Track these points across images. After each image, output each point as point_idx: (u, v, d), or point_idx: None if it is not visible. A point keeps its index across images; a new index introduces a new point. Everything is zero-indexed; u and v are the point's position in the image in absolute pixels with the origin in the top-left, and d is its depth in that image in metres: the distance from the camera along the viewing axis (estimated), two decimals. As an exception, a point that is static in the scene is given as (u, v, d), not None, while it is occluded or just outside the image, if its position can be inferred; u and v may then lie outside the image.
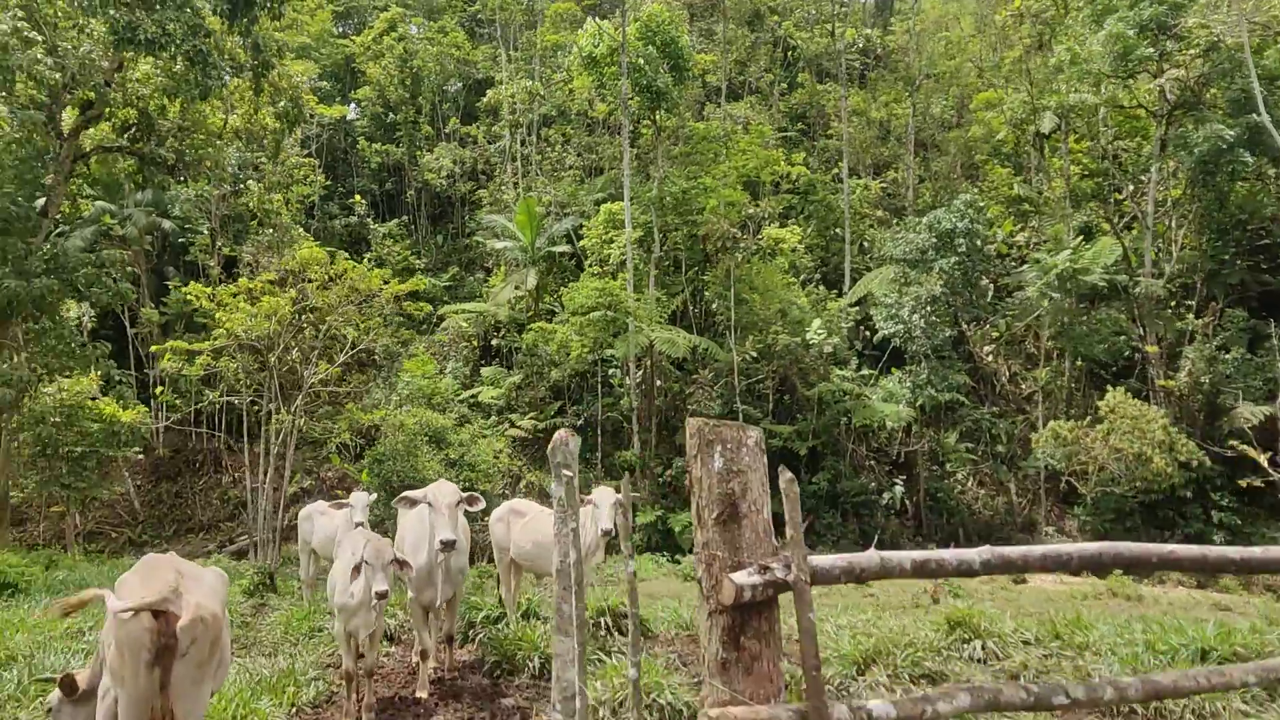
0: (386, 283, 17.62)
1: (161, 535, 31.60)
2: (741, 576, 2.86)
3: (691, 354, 31.65)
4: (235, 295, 16.71)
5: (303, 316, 16.37)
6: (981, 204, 30.00)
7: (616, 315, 29.48)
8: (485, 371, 35.36)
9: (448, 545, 7.74)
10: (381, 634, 8.42)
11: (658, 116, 34.63)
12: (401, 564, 7.45)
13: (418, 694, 8.19)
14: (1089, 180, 35.85)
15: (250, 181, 29.91)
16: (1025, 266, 31.80)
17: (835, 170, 39.11)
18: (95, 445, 23.14)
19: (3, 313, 18.01)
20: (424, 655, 8.37)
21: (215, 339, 16.53)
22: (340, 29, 51.33)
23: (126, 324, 33.81)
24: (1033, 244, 35.87)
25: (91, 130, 21.88)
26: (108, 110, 20.81)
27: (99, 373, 24.61)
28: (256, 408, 19.21)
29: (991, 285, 35.05)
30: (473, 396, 33.19)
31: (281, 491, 16.88)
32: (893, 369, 32.06)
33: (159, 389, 23.58)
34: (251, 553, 17.03)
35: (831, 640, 8.93)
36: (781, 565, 2.90)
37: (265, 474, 16.68)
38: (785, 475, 2.91)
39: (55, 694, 5.98)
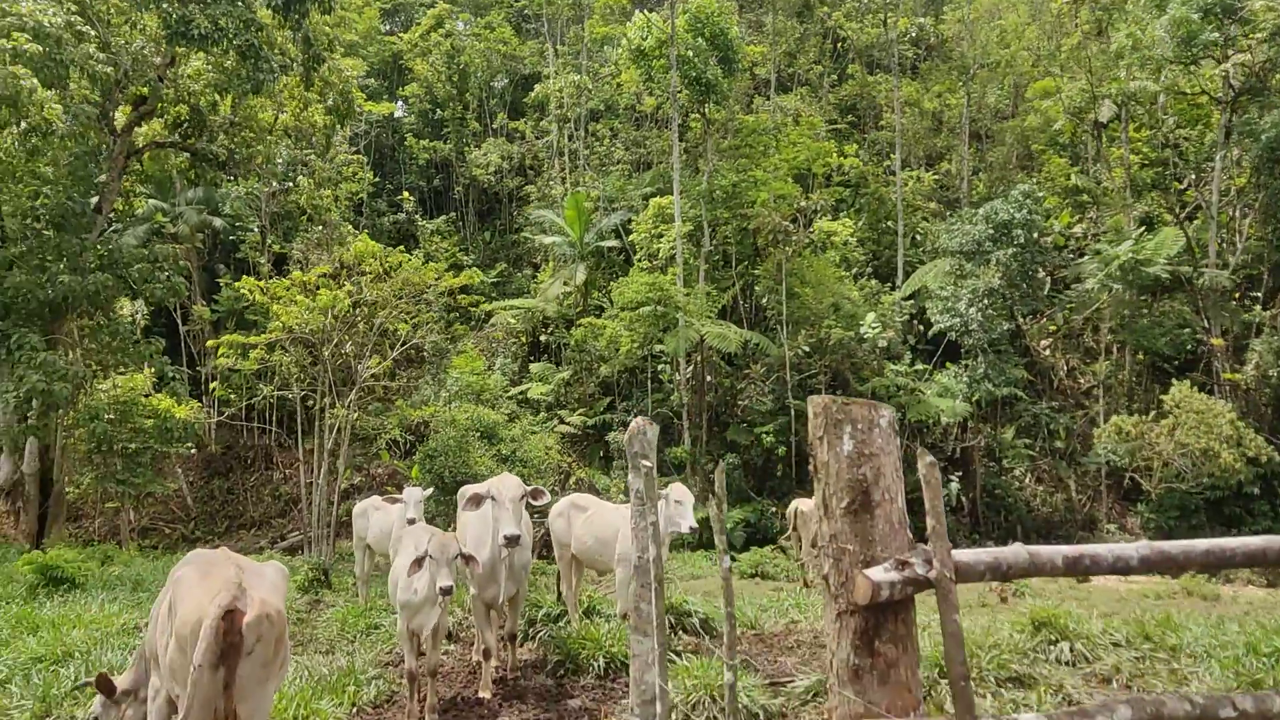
0: (439, 277, 17.45)
1: (214, 531, 31.80)
2: (878, 573, 2.54)
3: (742, 349, 31.23)
4: (289, 288, 16.63)
5: (356, 311, 16.23)
6: (1040, 194, 29.20)
7: (667, 310, 29.16)
8: (534, 368, 35.21)
9: (512, 540, 7.47)
10: (445, 632, 8.18)
11: (707, 109, 34.23)
12: (467, 559, 7.20)
13: (480, 694, 7.93)
14: (1149, 170, 34.93)
15: (300, 178, 29.93)
16: (1085, 258, 30.99)
17: (887, 163, 38.45)
18: (149, 442, 23.26)
19: (58, 309, 18.12)
20: (486, 654, 8.11)
21: (271, 332, 16.45)
22: (387, 27, 51.47)
23: (179, 322, 34.10)
24: (1091, 235, 35.01)
25: (144, 127, 21.95)
26: (160, 106, 20.85)
27: (153, 370, 24.79)
28: (310, 403, 19.14)
29: (1049, 278, 34.26)
30: (521, 393, 33.03)
31: (335, 487, 16.76)
32: (947, 364, 31.43)
33: (213, 384, 23.62)
34: (305, 548, 16.95)
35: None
36: (922, 560, 2.57)
37: (319, 469, 16.58)
38: (925, 459, 2.58)
39: (98, 700, 5.79)
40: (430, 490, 10.92)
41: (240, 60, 18.47)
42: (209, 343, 21.56)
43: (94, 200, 19.96)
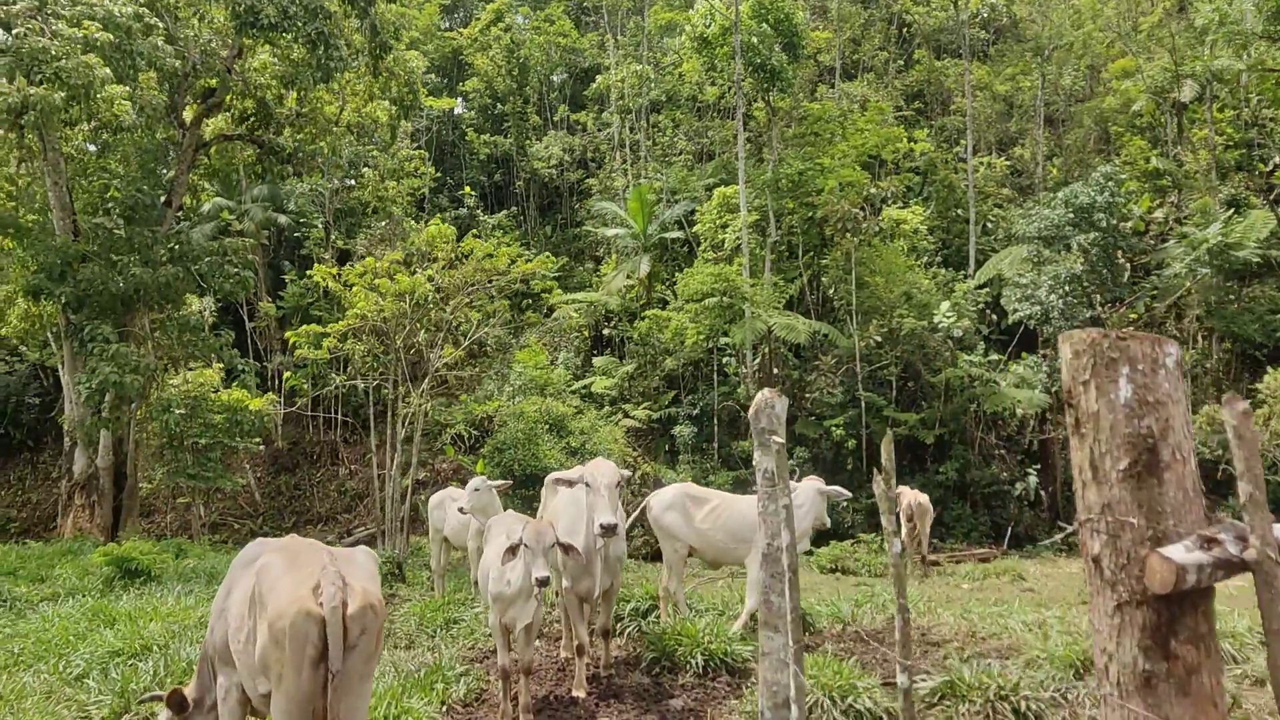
0: (513, 261, 17.08)
1: (281, 526, 31.84)
2: (1179, 553, 1.99)
3: (810, 341, 30.51)
4: (362, 275, 16.36)
5: (428, 298, 15.91)
6: (1123, 176, 28.08)
7: (733, 301, 28.59)
8: (597, 361, 34.79)
9: (608, 530, 6.98)
10: (539, 626, 7.72)
11: (771, 97, 33.56)
12: (566, 548, 6.72)
13: (575, 693, 7.46)
14: (1233, 151, 33.59)
15: (366, 169, 29.82)
16: (1169, 243, 29.78)
17: (956, 149, 37.44)
18: (219, 437, 23.27)
19: (129, 302, 18.08)
20: (580, 650, 7.63)
21: (348, 320, 16.20)
22: (446, 24, 51.43)
23: (245, 318, 34.23)
24: (1173, 220, 33.74)
25: (212, 121, 21.91)
26: (227, 99, 20.77)
27: (222, 365, 24.82)
28: (383, 392, 18.88)
29: (1128, 264, 33.08)
30: (585, 387, 32.65)
31: (409, 478, 16.46)
32: (1023, 354, 30.46)
33: (286, 374, 23.55)
34: (379, 540, 16.70)
35: (1036, 640, 7.94)
36: (1233, 537, 2.02)
37: (392, 460, 16.30)
38: (1237, 405, 2.03)
39: (164, 715, 5.38)
40: (500, 481, 10.47)
41: (309, 49, 18.27)
42: (286, 334, 21.43)
43: (163, 195, 19.94)
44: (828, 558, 19.67)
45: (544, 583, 6.25)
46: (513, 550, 6.46)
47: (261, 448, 30.39)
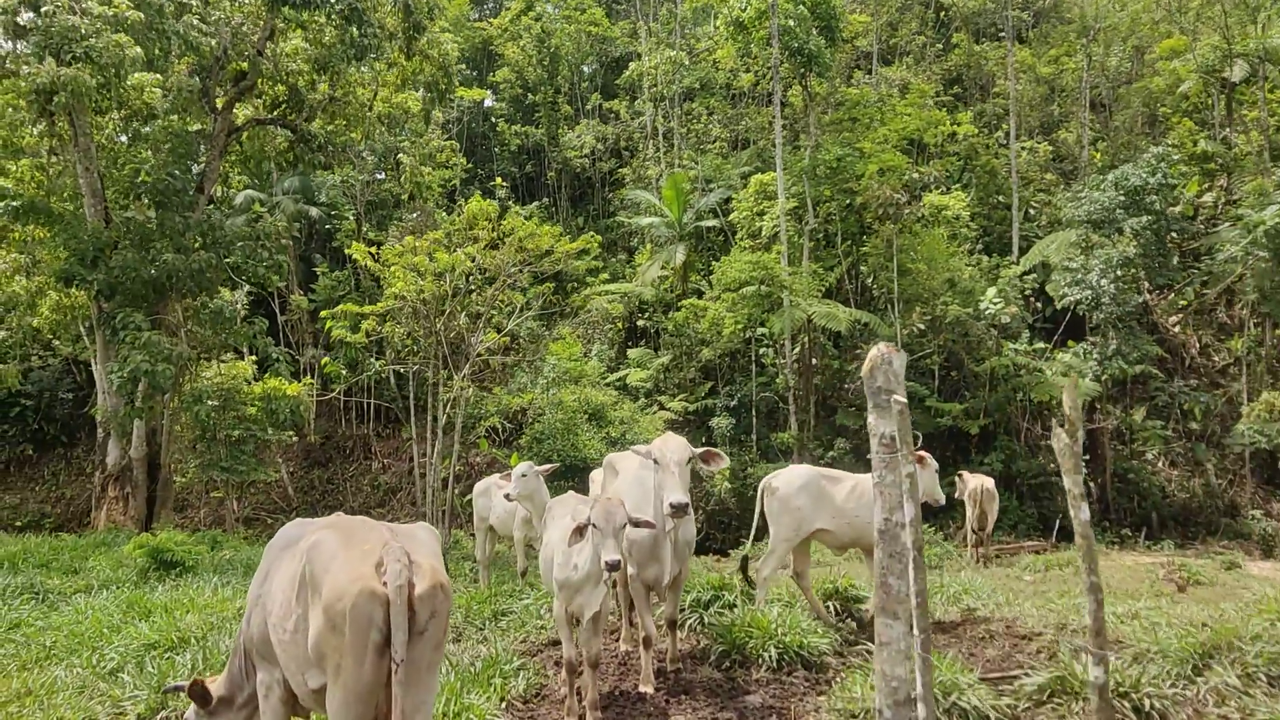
0: (557, 240, 16.54)
1: (315, 521, 31.64)
2: None
3: (849, 330, 29.83)
4: (401, 254, 15.87)
5: (469, 278, 15.42)
6: (1175, 156, 27.18)
7: (771, 290, 27.97)
8: (632, 353, 34.26)
9: (679, 509, 6.41)
10: (608, 614, 7.18)
11: (809, 82, 32.86)
12: (640, 524, 6.13)
13: (641, 688, 6.91)
14: (1283, 133, 32.62)
15: (402, 156, 29.41)
16: (1222, 227, 28.82)
17: (998, 134, 36.58)
18: (252, 429, 22.95)
19: (162, 289, 17.71)
20: (647, 642, 7.08)
21: (386, 300, 15.74)
22: (476, 14, 51.05)
23: (277, 311, 33.96)
24: (1222, 204, 32.79)
25: (243, 106, 21.53)
26: (259, 83, 20.36)
27: (255, 357, 24.46)
28: (424, 378, 18.42)
29: (1176, 250, 32.17)
30: (620, 379, 32.14)
31: (449, 466, 15.97)
32: (1069, 341, 29.67)
33: (324, 359, 23.16)
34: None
35: (1138, 633, 7.32)
36: None
37: (432, 449, 15.80)
38: None
39: (191, 712, 4.88)
40: (547, 465, 9.94)
41: (343, 25, 17.81)
42: (322, 314, 20.99)
43: (194, 182, 19.57)
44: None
45: (614, 567, 5.69)
46: (580, 531, 5.92)
47: (295, 440, 30.11)
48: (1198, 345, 32.52)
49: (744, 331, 29.30)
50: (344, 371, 22.47)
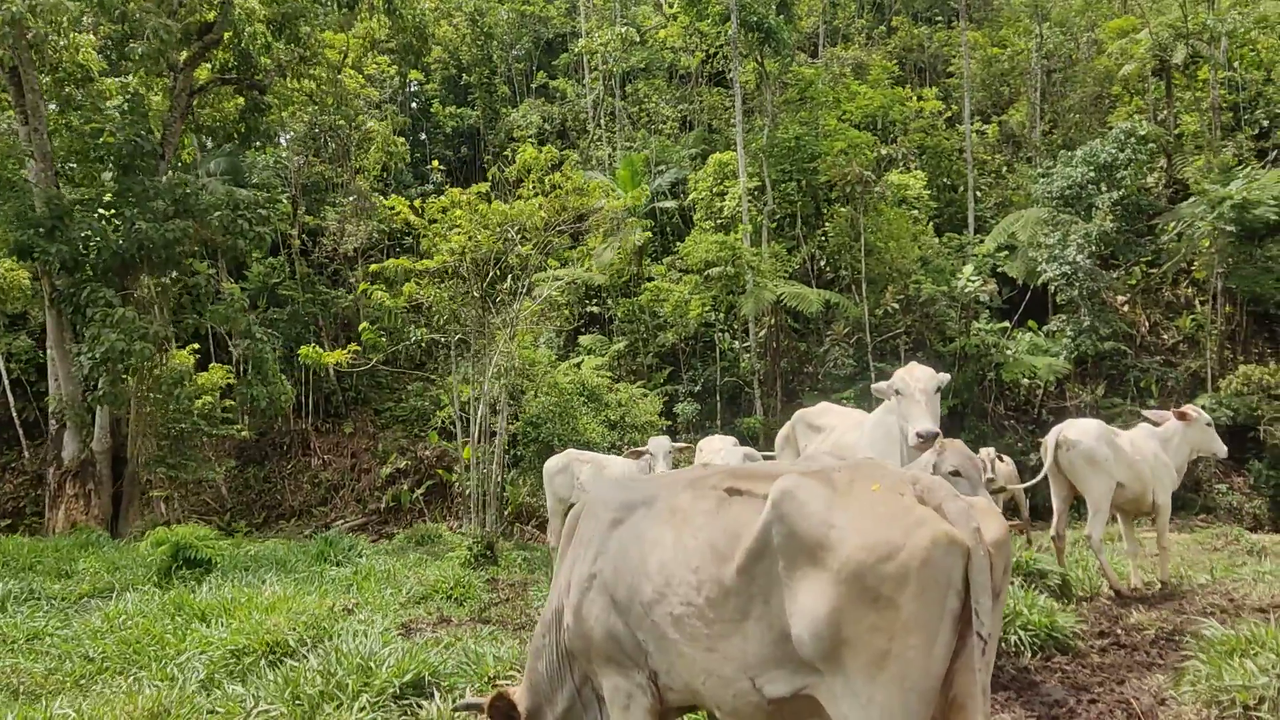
0: (607, 195, 15.36)
1: (252, 523, 29.71)
2: None
3: (816, 312, 29.27)
4: (446, 210, 14.49)
5: (535, 226, 14.14)
6: (1143, 132, 27.27)
7: (737, 271, 27.23)
8: (584, 340, 33.01)
9: (927, 437, 5.40)
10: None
11: (764, 61, 32.17)
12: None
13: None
14: (1225, 114, 33.27)
15: (372, 121, 27.73)
16: (1187, 202, 29.04)
17: (947, 114, 36.49)
18: (200, 424, 21.27)
19: (131, 261, 15.89)
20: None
21: (441, 255, 14.32)
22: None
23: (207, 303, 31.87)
24: (1161, 187, 33.24)
25: (206, 64, 19.73)
26: (225, 38, 18.55)
27: (196, 345, 22.66)
28: (463, 343, 16.99)
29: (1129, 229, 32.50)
30: (573, 368, 30.97)
31: (499, 443, 14.65)
32: (1030, 322, 29.71)
33: (362, 325, 21.39)
34: (465, 520, 14.84)
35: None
36: None
37: (475, 424, 14.45)
38: None
39: None
40: (681, 441, 8.92)
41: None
42: (371, 267, 19.26)
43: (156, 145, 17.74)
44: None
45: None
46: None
47: (227, 436, 28.11)
48: (1147, 324, 32.89)
49: (712, 314, 28.51)
50: (383, 339, 20.74)
